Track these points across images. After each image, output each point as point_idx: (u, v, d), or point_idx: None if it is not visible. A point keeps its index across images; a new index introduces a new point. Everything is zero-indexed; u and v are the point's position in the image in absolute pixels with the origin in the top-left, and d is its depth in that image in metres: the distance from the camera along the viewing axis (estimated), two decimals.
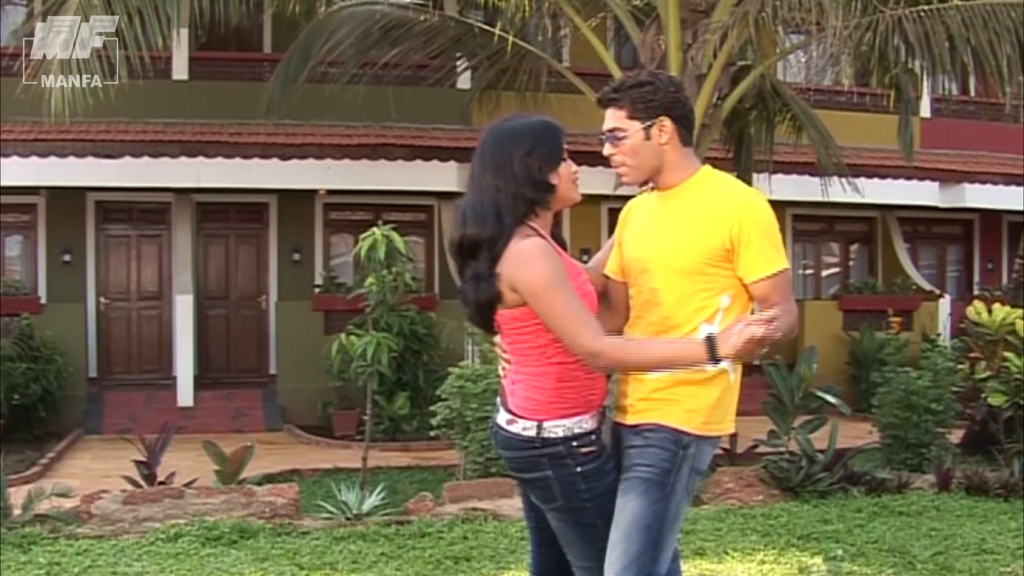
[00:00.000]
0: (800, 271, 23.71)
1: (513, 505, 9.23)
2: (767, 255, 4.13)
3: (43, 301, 18.92)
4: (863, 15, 12.29)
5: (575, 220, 20.36)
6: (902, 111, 16.61)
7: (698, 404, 4.17)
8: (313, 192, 19.79)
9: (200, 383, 18.90)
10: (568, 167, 4.26)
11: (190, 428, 16.48)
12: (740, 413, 4.54)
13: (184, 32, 14.27)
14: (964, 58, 12.55)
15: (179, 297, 18.61)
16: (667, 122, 4.23)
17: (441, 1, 16.58)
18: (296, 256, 20.42)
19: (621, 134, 4.25)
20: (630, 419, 4.27)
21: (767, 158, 16.93)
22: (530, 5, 14.07)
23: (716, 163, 13.48)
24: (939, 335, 20.82)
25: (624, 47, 17.51)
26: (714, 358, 3.91)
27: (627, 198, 4.62)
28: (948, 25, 12.49)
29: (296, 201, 20.07)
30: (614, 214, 17.06)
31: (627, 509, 4.15)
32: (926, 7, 12.75)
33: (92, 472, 13.84)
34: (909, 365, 13.68)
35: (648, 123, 4.22)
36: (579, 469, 4.18)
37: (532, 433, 4.18)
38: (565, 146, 4.28)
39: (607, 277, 4.57)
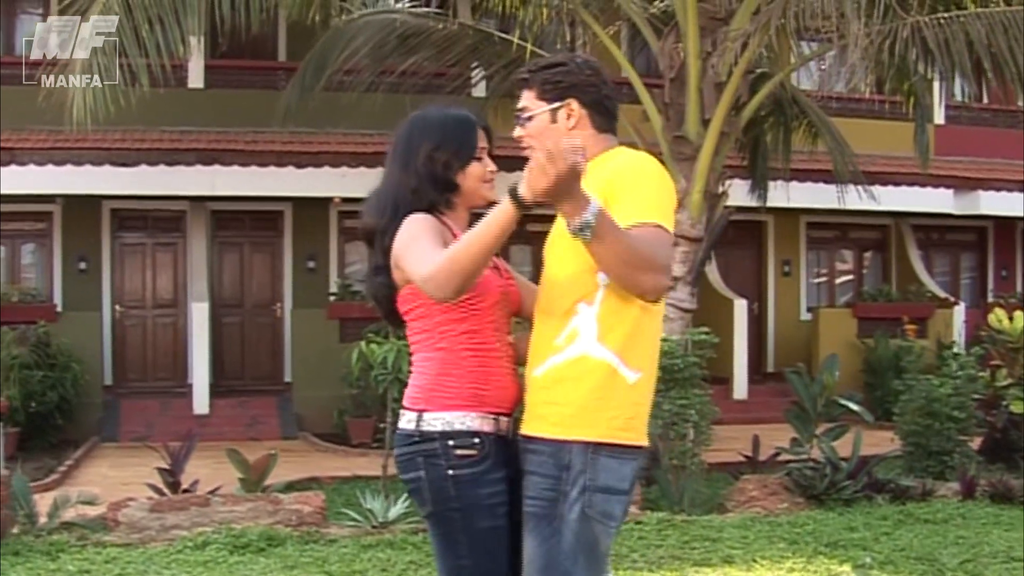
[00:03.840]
0: (813, 279, 23.74)
1: None
2: (635, 207, 3.60)
3: (59, 309, 18.96)
4: (883, 22, 12.31)
5: None
6: (918, 118, 16.60)
7: (576, 405, 3.66)
8: (328, 200, 19.81)
9: (215, 391, 18.91)
10: (481, 166, 4.08)
11: (206, 436, 16.40)
12: (760, 421, 4.42)
13: (199, 40, 14.25)
14: (985, 64, 12.56)
15: (195, 305, 18.62)
16: (575, 105, 3.90)
17: (456, 9, 16.61)
18: (311, 264, 20.46)
19: (527, 115, 3.95)
20: (522, 430, 3.89)
21: (784, 165, 16.93)
22: (548, 13, 14.11)
23: (732, 170, 13.50)
24: (954, 343, 20.79)
25: (639, 55, 17.50)
26: (520, 203, 3.43)
27: None
28: (968, 32, 12.51)
29: (311, 209, 20.10)
30: None
31: (525, 552, 3.76)
32: (946, 14, 12.77)
33: (110, 480, 13.84)
34: (925, 373, 13.66)
35: (555, 105, 3.92)
36: (451, 472, 3.82)
37: (412, 426, 3.86)
38: (482, 144, 4.10)
39: None
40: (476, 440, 3.82)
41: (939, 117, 21.76)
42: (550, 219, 3.78)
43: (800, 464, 10.84)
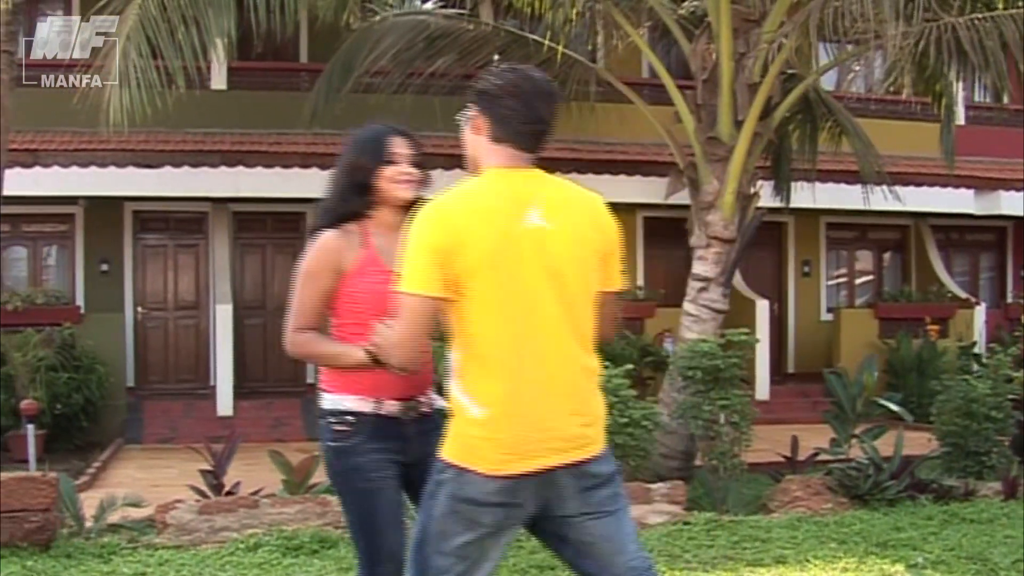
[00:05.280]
0: (833, 279, 23.75)
1: None
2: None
3: (82, 311, 18.95)
4: (917, 23, 12.28)
5: None
6: (944, 119, 16.58)
7: (450, 435, 3.93)
8: None
9: (238, 392, 18.92)
10: (394, 169, 4.64)
11: (231, 437, 16.46)
12: (781, 421, 4.43)
13: (226, 42, 14.28)
14: (1020, 66, 12.57)
15: (219, 307, 18.62)
16: (476, 114, 3.99)
17: (478, 10, 16.60)
18: None
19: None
20: None
21: (810, 166, 16.93)
22: (579, 14, 14.09)
23: (754, 171, 13.35)
24: (975, 343, 20.80)
25: (665, 57, 17.49)
26: (372, 357, 4.15)
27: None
28: (1003, 32, 12.49)
29: None
30: (650, 223, 17.08)
31: None
32: (979, 15, 12.76)
33: (140, 482, 13.82)
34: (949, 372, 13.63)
35: (469, 112, 4.04)
36: (330, 443, 4.56)
37: (319, 404, 4.64)
38: (399, 149, 4.65)
39: None
40: (349, 418, 4.51)
41: (960, 117, 21.74)
42: None
43: (842, 464, 10.82)
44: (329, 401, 4.56)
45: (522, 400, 3.85)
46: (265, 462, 10.74)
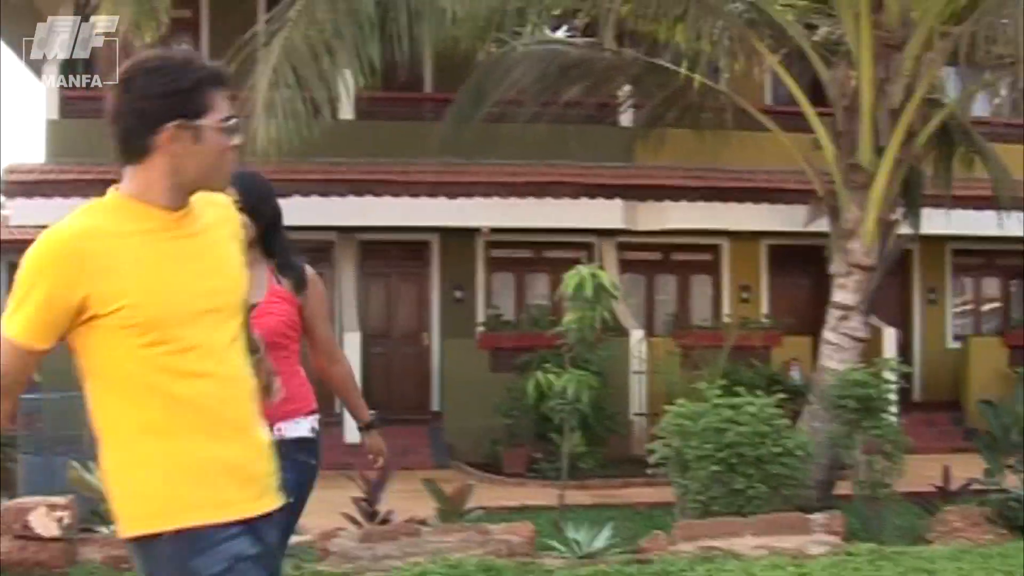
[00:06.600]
0: (958, 307, 23.43)
1: (747, 544, 9.14)
2: None
3: None
4: None
5: (734, 255, 20.41)
6: None
7: None
8: (475, 230, 19.89)
9: None
10: None
11: (360, 465, 16.48)
12: (925, 450, 4.24)
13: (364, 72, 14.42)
14: None
15: (347, 335, 18.74)
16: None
17: (602, 37, 16.63)
18: (458, 294, 20.53)
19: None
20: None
21: (945, 192, 16.76)
22: (714, 41, 14.02)
23: (895, 198, 13.13)
24: None
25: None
26: None
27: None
28: None
29: (458, 239, 20.21)
30: (775, 251, 16.95)
31: None
32: None
33: None
34: None
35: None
36: None
37: None
38: None
39: None
40: None
41: None
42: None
43: (1001, 495, 10.63)
44: None
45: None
46: (402, 489, 10.85)
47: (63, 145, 19.00)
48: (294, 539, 9.71)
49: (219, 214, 3.37)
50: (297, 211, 17.69)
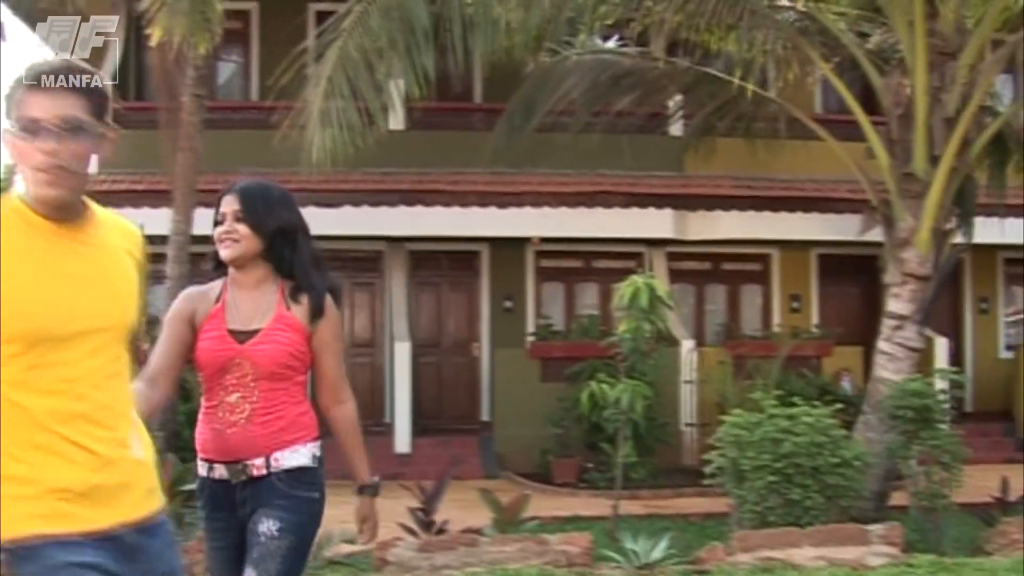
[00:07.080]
0: (1010, 316, 23.24)
1: (805, 555, 9.12)
2: None
3: None
4: None
5: (784, 265, 20.35)
6: None
7: None
8: (525, 240, 19.89)
9: (414, 430, 19.01)
10: (218, 228, 4.55)
11: (410, 475, 16.52)
12: (977, 461, 4.17)
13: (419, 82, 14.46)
14: None
15: (398, 344, 18.79)
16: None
17: (652, 46, 16.63)
18: (508, 304, 20.53)
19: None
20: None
21: (997, 200, 16.65)
22: (766, 51, 13.97)
23: (950, 207, 13.07)
24: None
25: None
26: None
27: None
28: None
29: (508, 249, 20.20)
30: (824, 260, 16.85)
31: None
32: None
33: (329, 518, 13.88)
34: None
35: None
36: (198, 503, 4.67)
37: None
38: (223, 207, 4.54)
39: None
40: (197, 481, 4.59)
41: None
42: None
43: None
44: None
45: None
46: (454, 498, 10.85)
47: None
48: (349, 548, 9.77)
49: (122, 237, 3.21)
50: (348, 221, 18.02)
